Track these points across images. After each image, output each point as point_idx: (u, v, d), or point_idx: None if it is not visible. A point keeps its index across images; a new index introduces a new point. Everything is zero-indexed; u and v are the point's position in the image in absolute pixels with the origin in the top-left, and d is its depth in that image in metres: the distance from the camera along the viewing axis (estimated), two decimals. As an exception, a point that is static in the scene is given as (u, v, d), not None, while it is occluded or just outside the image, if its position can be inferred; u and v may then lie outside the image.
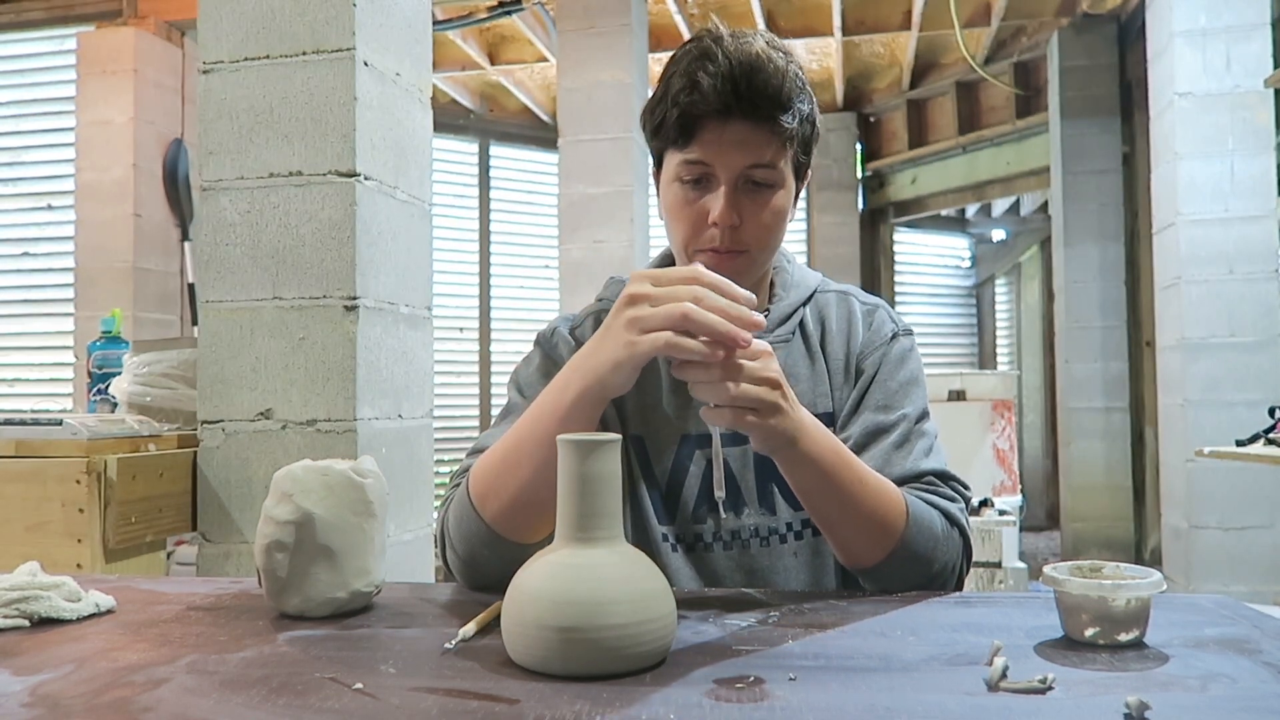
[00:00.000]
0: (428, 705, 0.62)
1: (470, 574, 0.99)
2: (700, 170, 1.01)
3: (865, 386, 1.08)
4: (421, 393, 2.05)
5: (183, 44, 4.67)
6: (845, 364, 1.10)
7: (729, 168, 1.00)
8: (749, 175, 1.01)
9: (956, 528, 0.99)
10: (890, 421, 1.05)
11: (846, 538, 0.95)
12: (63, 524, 1.69)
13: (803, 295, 1.14)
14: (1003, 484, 4.26)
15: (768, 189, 1.02)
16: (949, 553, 0.98)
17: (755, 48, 0.98)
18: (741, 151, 1.00)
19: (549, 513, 0.92)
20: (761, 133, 0.99)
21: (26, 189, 4.79)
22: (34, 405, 4.69)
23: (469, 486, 0.98)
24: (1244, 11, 3.71)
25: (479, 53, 5.86)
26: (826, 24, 5.56)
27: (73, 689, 0.66)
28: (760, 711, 0.60)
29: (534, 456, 0.91)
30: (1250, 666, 0.69)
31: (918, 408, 1.07)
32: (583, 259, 4.53)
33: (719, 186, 1.01)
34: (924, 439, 1.05)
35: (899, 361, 1.09)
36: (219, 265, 1.88)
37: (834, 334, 1.12)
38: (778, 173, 1.02)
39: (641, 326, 0.82)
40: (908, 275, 7.47)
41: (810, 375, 1.10)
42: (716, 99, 0.97)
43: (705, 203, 1.02)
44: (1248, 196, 3.68)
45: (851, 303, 1.15)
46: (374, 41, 1.90)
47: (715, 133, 0.99)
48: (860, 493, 0.92)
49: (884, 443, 1.03)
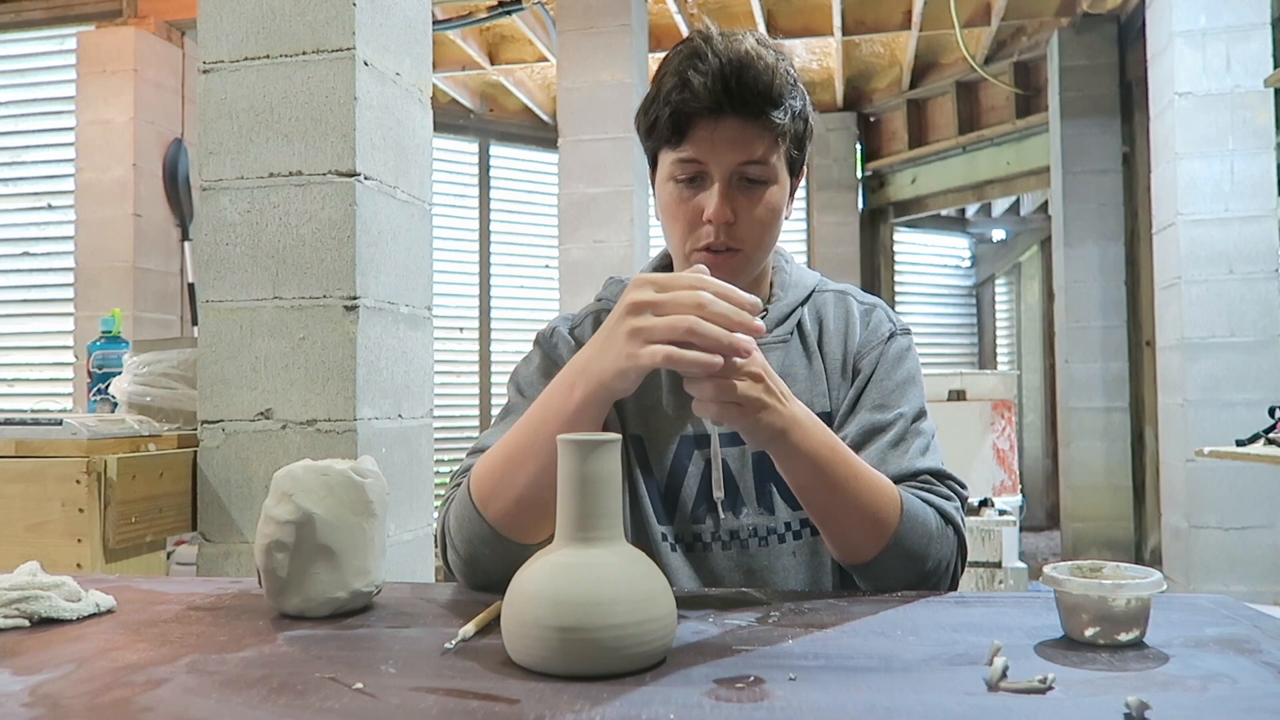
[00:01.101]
0: (428, 705, 0.62)
1: (471, 574, 0.99)
2: (694, 169, 1.02)
3: (862, 386, 1.08)
4: (421, 393, 2.05)
5: (183, 44, 4.67)
6: (843, 363, 1.10)
7: (722, 165, 1.01)
8: (742, 172, 1.02)
9: (951, 526, 0.99)
10: (887, 420, 1.05)
11: (840, 532, 0.95)
12: (63, 524, 1.69)
13: (801, 295, 1.14)
14: (1003, 484, 4.26)
15: (761, 185, 1.03)
16: (943, 550, 0.97)
17: (744, 45, 1.00)
18: (734, 148, 1.00)
19: (551, 513, 0.93)
20: (753, 129, 1.00)
21: (26, 189, 4.79)
22: (34, 405, 4.70)
23: (470, 486, 0.98)
24: (1244, 11, 3.71)
25: (479, 53, 5.86)
26: (826, 24, 5.56)
27: (73, 689, 0.66)
28: (760, 711, 0.60)
29: (538, 457, 0.91)
30: (1250, 666, 0.69)
31: (914, 407, 1.07)
32: (583, 259, 4.53)
33: (712, 184, 1.01)
34: (920, 438, 1.05)
35: (896, 361, 1.09)
36: (219, 265, 1.88)
37: (831, 333, 1.12)
38: (770, 169, 1.03)
39: (645, 337, 0.82)
40: (908, 275, 7.47)
41: (808, 375, 1.10)
42: (708, 96, 0.98)
43: (699, 200, 1.02)
44: (1248, 196, 3.68)
45: (849, 302, 1.15)
46: (374, 41, 1.90)
47: (707, 130, 1.00)
48: (854, 487, 0.92)
49: (880, 441, 1.03)
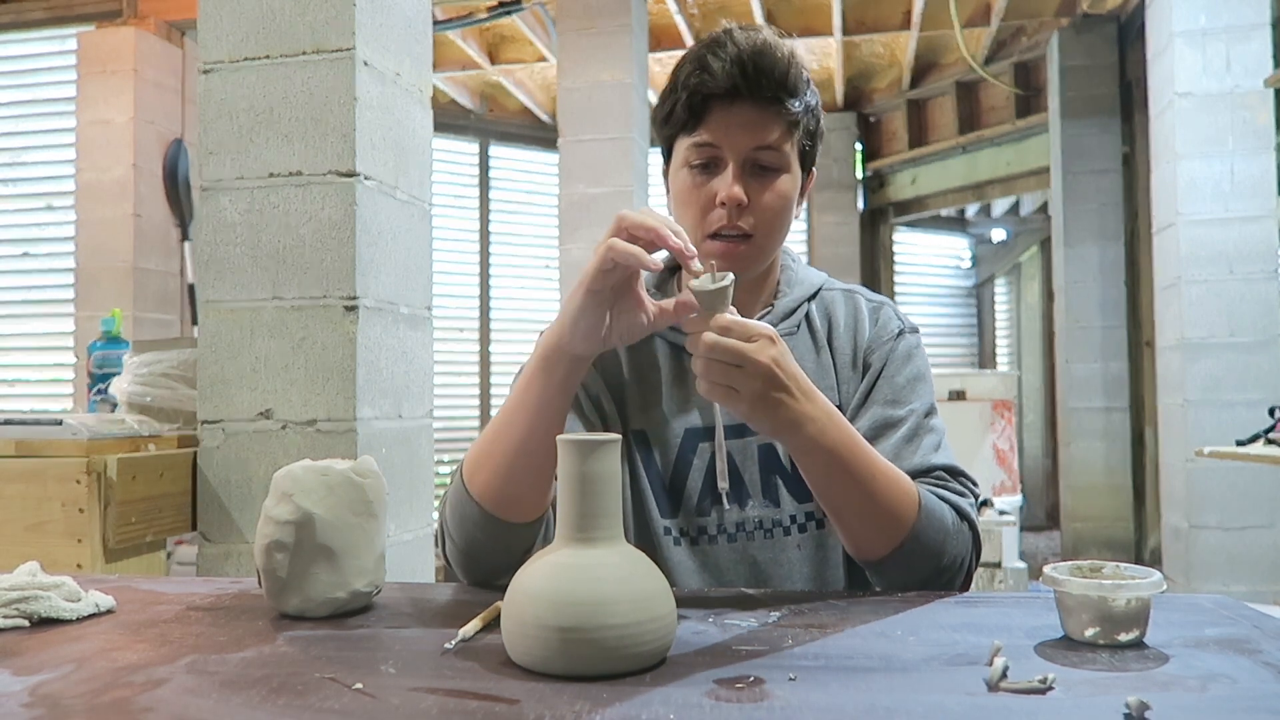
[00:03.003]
0: (428, 705, 0.62)
1: (468, 564, 1.00)
2: (708, 153, 1.04)
3: (873, 381, 1.09)
4: (421, 393, 2.05)
5: (183, 44, 4.67)
6: (853, 358, 1.11)
7: (736, 149, 1.03)
8: (755, 158, 1.03)
9: (966, 522, 1.00)
10: (899, 416, 1.05)
11: (856, 528, 0.96)
12: (63, 524, 1.69)
13: (807, 292, 1.15)
14: (1003, 484, 4.26)
15: (773, 172, 1.04)
16: (959, 546, 0.98)
17: (763, 35, 1.03)
18: (748, 133, 1.02)
19: (539, 484, 0.95)
20: (768, 115, 1.02)
21: (26, 189, 4.79)
22: (34, 405, 4.70)
23: (462, 468, 1.00)
24: (1244, 11, 3.71)
25: (479, 53, 5.86)
26: (826, 24, 5.56)
27: (73, 689, 0.66)
28: (760, 711, 0.60)
29: (514, 424, 0.95)
30: (1250, 666, 0.69)
31: (925, 403, 1.08)
32: (583, 259, 4.52)
33: (726, 168, 1.03)
34: (932, 434, 1.06)
35: (906, 357, 1.10)
36: (219, 265, 1.88)
37: (841, 329, 1.13)
38: (783, 156, 1.04)
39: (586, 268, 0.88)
40: (908, 275, 7.48)
41: (816, 368, 1.10)
42: (725, 79, 1.01)
43: (713, 186, 1.04)
44: (1248, 196, 3.68)
45: (858, 300, 1.16)
46: (374, 41, 1.90)
47: (722, 114, 1.02)
48: (871, 484, 0.93)
49: (893, 437, 1.04)
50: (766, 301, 1.14)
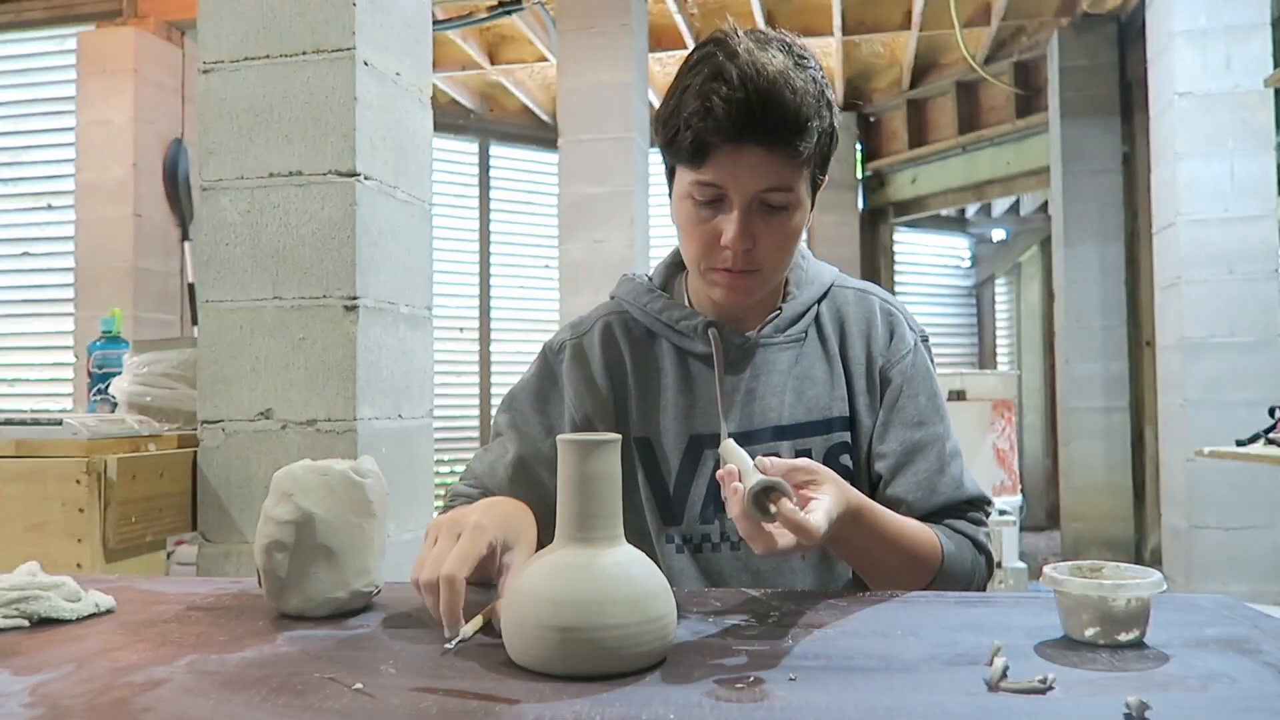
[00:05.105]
0: (428, 705, 0.62)
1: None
2: (713, 192, 0.99)
3: (894, 400, 1.09)
4: (421, 393, 2.05)
5: (183, 44, 4.66)
6: (867, 369, 1.10)
7: (742, 191, 0.97)
8: (763, 199, 0.98)
9: (984, 554, 1.05)
10: (926, 440, 1.07)
11: (881, 584, 1.00)
12: (63, 524, 1.69)
13: (817, 292, 1.13)
14: (1003, 484, 4.26)
15: (782, 211, 1.00)
16: (975, 577, 1.04)
17: (773, 68, 0.93)
18: (755, 175, 0.97)
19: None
20: (776, 157, 0.96)
21: (26, 189, 4.79)
22: (34, 405, 4.70)
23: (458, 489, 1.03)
24: (1244, 11, 3.70)
25: (479, 52, 5.86)
26: (826, 24, 5.55)
27: (73, 689, 0.66)
28: (760, 711, 0.60)
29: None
30: (1250, 666, 0.69)
31: (946, 423, 1.10)
32: (583, 259, 4.53)
33: (732, 209, 0.98)
34: (957, 460, 1.08)
35: (925, 374, 1.11)
36: (219, 265, 1.87)
37: (854, 336, 1.11)
38: (793, 195, 0.99)
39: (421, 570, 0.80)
40: (908, 275, 7.47)
41: (827, 378, 1.09)
42: (730, 125, 0.93)
43: (718, 223, 0.99)
44: (1248, 196, 3.68)
45: (871, 303, 1.13)
46: (374, 41, 1.90)
47: (729, 156, 0.96)
48: (897, 562, 0.98)
49: (923, 465, 1.06)
50: (774, 305, 1.11)
